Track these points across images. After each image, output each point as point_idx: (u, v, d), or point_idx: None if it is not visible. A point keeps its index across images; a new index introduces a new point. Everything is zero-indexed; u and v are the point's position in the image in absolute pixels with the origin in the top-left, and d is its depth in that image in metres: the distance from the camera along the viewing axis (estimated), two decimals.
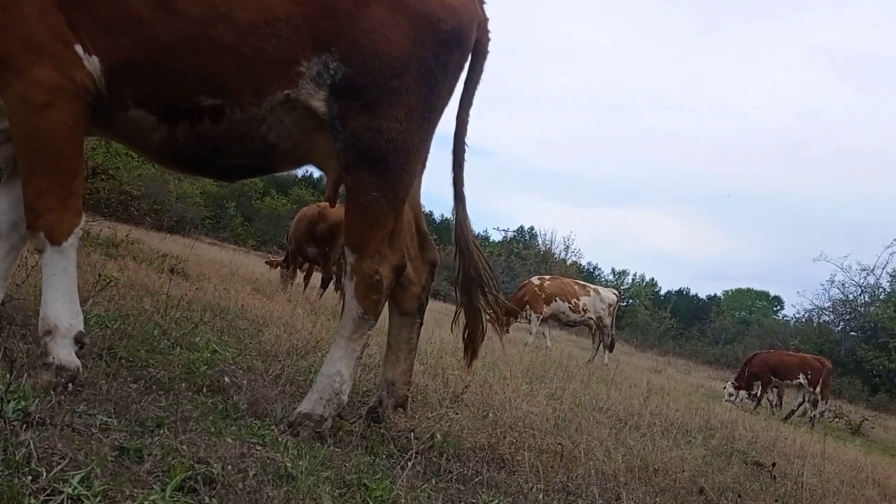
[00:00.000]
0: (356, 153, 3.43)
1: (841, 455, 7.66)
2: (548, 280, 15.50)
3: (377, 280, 3.53)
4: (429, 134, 3.68)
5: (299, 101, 3.39)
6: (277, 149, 3.56)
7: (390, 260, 3.64)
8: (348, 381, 3.53)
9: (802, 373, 14.46)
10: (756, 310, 70.52)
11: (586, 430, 4.76)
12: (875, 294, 37.21)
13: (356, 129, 3.40)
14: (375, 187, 3.46)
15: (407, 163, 3.53)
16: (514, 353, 9.63)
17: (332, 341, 3.70)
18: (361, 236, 3.54)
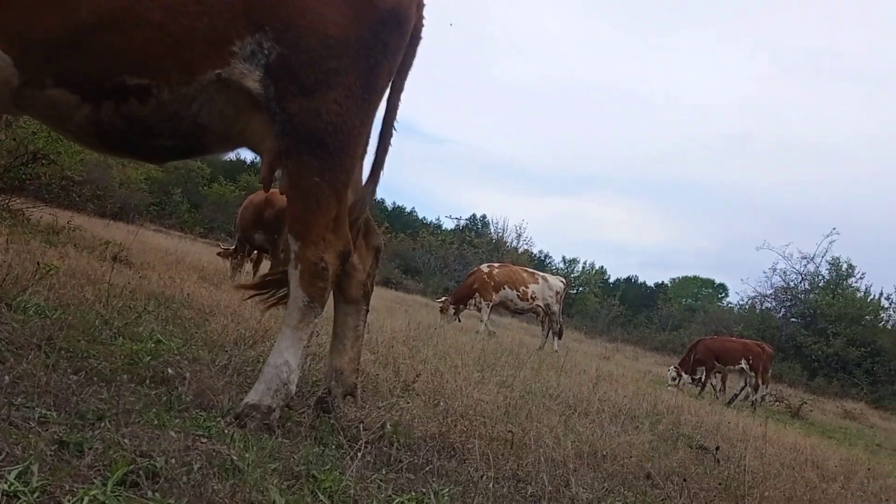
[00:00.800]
0: (295, 136, 3.35)
1: (781, 438, 7.87)
2: (497, 268, 15.53)
3: (322, 267, 3.47)
4: (369, 116, 3.62)
5: (232, 81, 3.28)
6: (209, 129, 3.46)
7: (335, 246, 3.57)
8: (296, 370, 3.47)
9: (744, 358, 14.83)
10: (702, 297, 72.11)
11: (536, 418, 4.79)
12: (815, 281, 38.44)
13: (294, 112, 3.32)
14: (317, 172, 3.39)
15: (348, 146, 3.46)
16: (465, 341, 9.65)
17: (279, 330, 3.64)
18: (305, 223, 3.47)
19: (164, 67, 3.17)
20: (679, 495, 3.99)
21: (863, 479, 6.15)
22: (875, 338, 34.38)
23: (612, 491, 3.80)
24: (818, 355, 33.56)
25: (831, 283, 38.42)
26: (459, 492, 3.12)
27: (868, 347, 33.61)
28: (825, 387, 30.15)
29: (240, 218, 11.51)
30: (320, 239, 3.47)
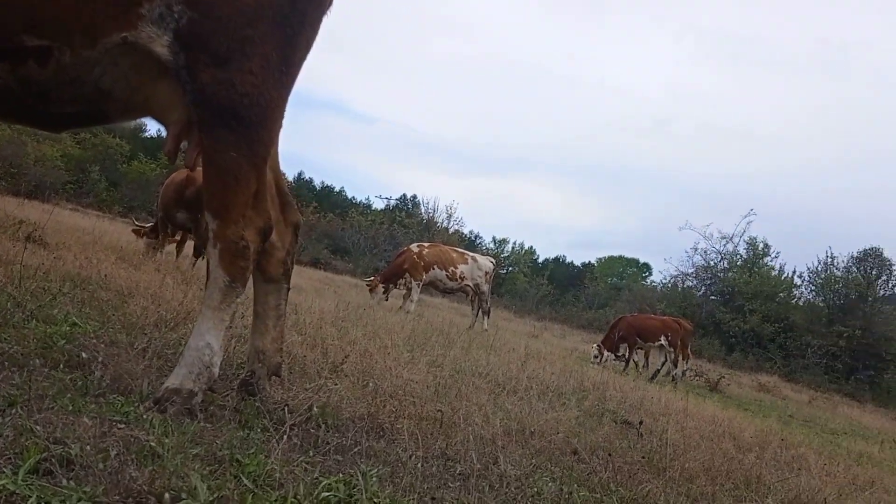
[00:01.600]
0: (209, 108, 3.19)
1: (701, 411, 8.13)
2: (427, 247, 15.49)
3: (243, 246, 3.35)
4: (287, 88, 3.46)
5: (139, 45, 3.09)
6: (112, 96, 3.27)
7: (256, 223, 3.45)
8: (218, 352, 3.36)
9: (664, 335, 15.27)
10: (627, 276, 74.00)
11: (466, 396, 4.81)
12: (733, 261, 39.88)
13: (207, 82, 3.15)
14: (233, 146, 3.24)
15: (266, 119, 3.32)
16: (395, 321, 9.62)
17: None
18: (223, 200, 3.32)
19: (67, 28, 2.97)
20: (604, 469, 4.08)
21: (776, 449, 6.42)
22: (788, 314, 36.01)
23: (540, 467, 3.85)
24: (735, 331, 34.92)
25: (748, 261, 39.96)
26: (388, 472, 3.10)
27: (781, 323, 35.17)
28: (742, 361, 31.41)
29: (161, 196, 11.13)
30: (240, 216, 3.34)
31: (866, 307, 34.78)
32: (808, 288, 39.15)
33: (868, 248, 37.13)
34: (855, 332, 33.25)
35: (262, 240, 3.51)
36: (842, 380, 32.01)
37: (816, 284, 38.05)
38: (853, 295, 35.46)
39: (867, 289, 35.52)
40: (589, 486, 3.73)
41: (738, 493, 4.36)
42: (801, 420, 13.79)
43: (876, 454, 9.48)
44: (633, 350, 15.38)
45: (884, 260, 36.68)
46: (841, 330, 33.51)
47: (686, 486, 4.21)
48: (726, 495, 4.23)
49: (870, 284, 35.79)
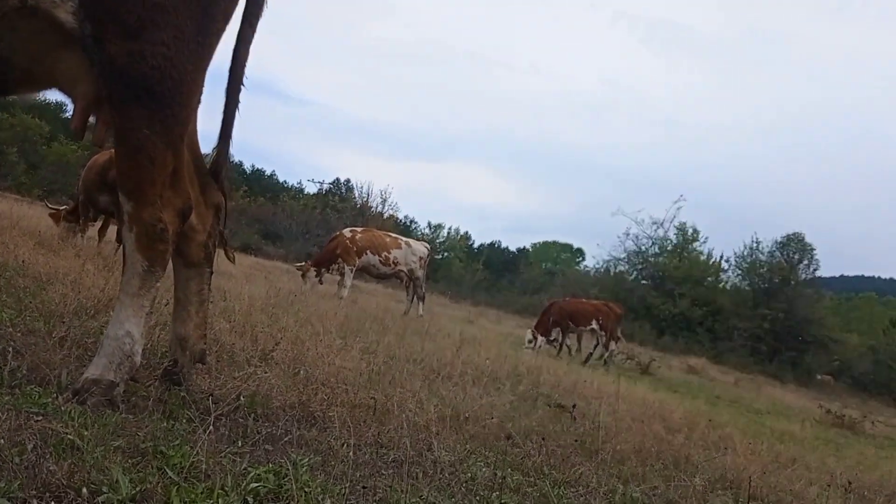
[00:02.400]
0: (119, 82, 3.00)
1: (632, 394, 8.31)
2: (360, 232, 15.29)
3: (161, 228, 3.19)
4: (203, 62, 3.28)
5: (40, 10, 2.90)
6: (10, 64, 3.07)
7: (174, 204, 3.30)
8: (139, 340, 3.22)
9: (595, 319, 15.52)
10: (561, 261, 75.12)
11: (399, 383, 4.77)
12: (664, 246, 40.90)
13: (115, 53, 2.96)
14: (146, 123, 3.05)
15: (180, 94, 3.14)
16: (328, 307, 9.49)
17: None
18: (138, 181, 3.14)
19: None
20: (538, 453, 4.10)
21: (704, 430, 6.61)
22: (716, 298, 37.17)
23: (474, 452, 3.84)
24: (665, 315, 35.86)
25: (678, 247, 41.04)
26: (319, 461, 3.04)
27: (709, 307, 36.29)
28: (671, 344, 32.30)
29: (83, 179, 10.68)
30: (156, 197, 3.18)
31: (789, 291, 36.13)
32: (735, 272, 40.50)
33: (791, 234, 38.68)
34: (778, 314, 34.54)
35: (181, 220, 3.36)
36: (766, 361, 33.25)
37: (742, 269, 39.37)
38: (777, 279, 36.79)
39: (790, 273, 36.91)
40: (522, 469, 3.74)
41: (667, 473, 4.44)
42: (727, 401, 14.22)
43: (797, 433, 9.86)
44: (565, 334, 15.59)
45: (805, 245, 38.20)
46: (765, 313, 34.76)
47: (617, 468, 4.27)
48: (656, 475, 4.31)
49: (792, 269, 37.20)
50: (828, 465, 6.55)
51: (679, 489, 4.07)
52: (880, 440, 12.89)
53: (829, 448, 9.02)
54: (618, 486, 3.88)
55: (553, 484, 3.62)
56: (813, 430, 10.97)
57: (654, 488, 4.02)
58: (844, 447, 9.74)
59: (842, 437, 11.63)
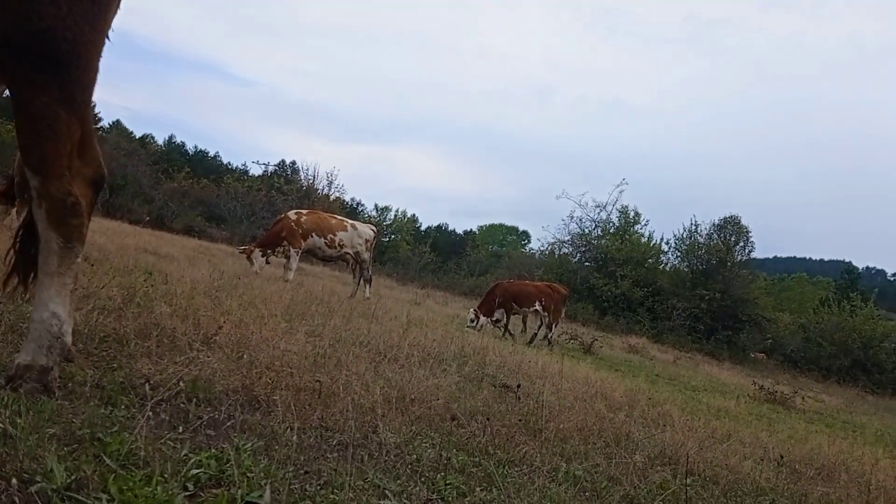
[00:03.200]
0: (8, 46, 2.78)
1: (575, 373, 8.43)
2: (305, 214, 15.09)
3: (72, 202, 3.01)
4: (102, 22, 3.05)
5: None
6: None
7: (84, 174, 3.11)
8: (67, 320, 3.08)
9: (538, 300, 15.68)
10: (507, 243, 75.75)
11: (345, 366, 4.74)
12: (606, 228, 41.50)
13: (1, 13, 2.74)
14: (43, 90, 2.85)
15: (78, 57, 2.92)
16: (273, 290, 9.38)
17: None
18: (41, 153, 2.93)
19: None
20: (483, 433, 4.14)
21: (644, 407, 6.75)
22: (656, 279, 37.96)
23: (420, 433, 3.86)
24: (608, 296, 36.47)
25: (620, 229, 41.70)
26: (263, 446, 3.02)
27: (650, 287, 37.04)
28: (613, 324, 32.93)
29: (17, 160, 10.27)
30: (63, 169, 2.98)
31: (725, 271, 37.09)
32: (674, 254, 41.33)
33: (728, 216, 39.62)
34: (715, 294, 35.45)
35: (95, 191, 3.19)
36: (703, 340, 34.16)
37: (681, 250, 40.21)
38: (714, 260, 37.69)
39: (727, 254, 37.86)
40: (467, 450, 3.78)
41: (609, 450, 4.54)
42: (666, 378, 14.57)
43: (732, 408, 10.17)
44: (509, 315, 15.71)
45: (741, 227, 39.23)
46: (703, 293, 35.63)
47: (560, 446, 4.34)
48: (598, 453, 4.40)
49: (729, 250, 38.16)
50: (761, 440, 6.77)
51: (620, 466, 4.17)
52: (810, 415, 13.40)
53: (763, 423, 9.32)
54: (561, 464, 3.95)
55: (497, 463, 3.67)
56: (747, 406, 11.33)
57: (596, 465, 4.10)
58: (776, 422, 10.09)
59: (774, 412, 12.04)
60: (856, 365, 34.23)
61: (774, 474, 5.18)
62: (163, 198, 35.97)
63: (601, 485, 3.78)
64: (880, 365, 34.32)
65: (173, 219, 34.51)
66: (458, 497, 3.04)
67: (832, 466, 6.07)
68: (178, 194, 38.08)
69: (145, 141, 51.98)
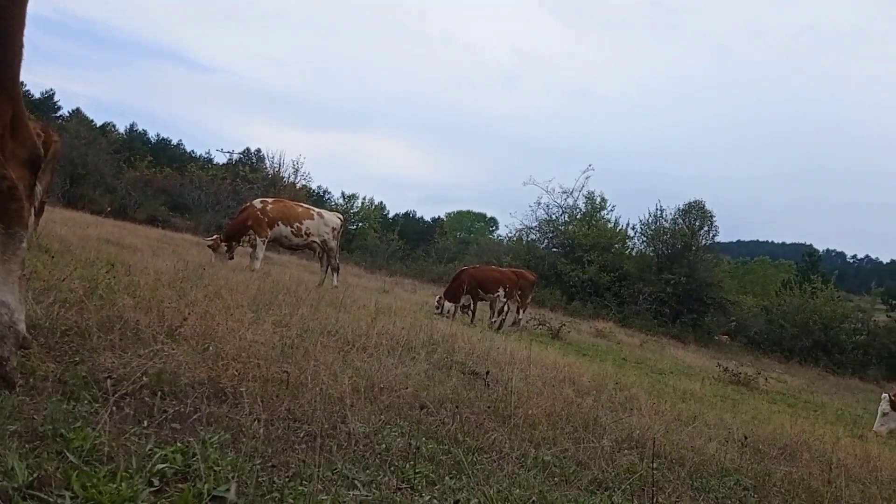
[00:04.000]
0: None
1: (544, 358, 8.48)
2: (270, 203, 14.91)
3: (8, 186, 2.92)
4: None
5: None
6: None
7: (19, 155, 3.02)
8: (19, 308, 2.98)
9: (502, 286, 15.73)
10: (475, 230, 75.84)
11: (313, 356, 4.71)
12: (573, 214, 41.73)
13: None
14: None
15: (1, 32, 2.81)
16: (239, 280, 9.28)
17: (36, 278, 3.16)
18: None
19: None
20: (452, 420, 4.15)
21: (611, 392, 6.83)
22: (622, 264, 38.33)
23: (389, 422, 3.85)
24: (575, 281, 36.74)
25: (587, 215, 41.96)
26: (229, 438, 2.99)
27: (616, 273, 37.41)
28: (581, 309, 33.18)
29: None
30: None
31: (690, 255, 37.55)
32: (640, 239, 41.68)
33: (692, 201, 40.05)
34: (680, 279, 35.90)
35: (31, 173, 3.09)
36: (669, 323, 34.60)
37: (647, 235, 40.58)
38: (679, 244, 38.14)
39: (691, 238, 38.34)
40: (437, 438, 3.79)
41: (577, 435, 4.58)
42: (633, 362, 14.75)
43: (698, 391, 10.33)
44: (476, 301, 15.72)
45: (706, 212, 39.69)
46: (668, 277, 36.07)
47: (529, 432, 4.37)
48: (566, 438, 4.44)
49: (693, 234, 38.63)
50: (725, 421, 6.89)
51: (588, 450, 4.21)
52: (773, 395, 13.68)
53: (727, 404, 9.50)
54: (530, 450, 3.98)
55: (467, 451, 3.68)
56: (712, 388, 11.52)
57: (565, 450, 4.14)
58: (740, 403, 10.29)
59: (738, 393, 12.28)
60: (817, 346, 34.98)
61: (738, 455, 5.29)
62: (125, 187, 35.28)
63: (570, 469, 3.82)
64: (840, 345, 35.11)
65: (136, 208, 33.90)
66: (427, 486, 3.05)
67: (794, 446, 6.20)
68: (141, 183, 37.41)
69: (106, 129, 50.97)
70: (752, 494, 4.35)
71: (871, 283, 52.95)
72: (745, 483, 4.55)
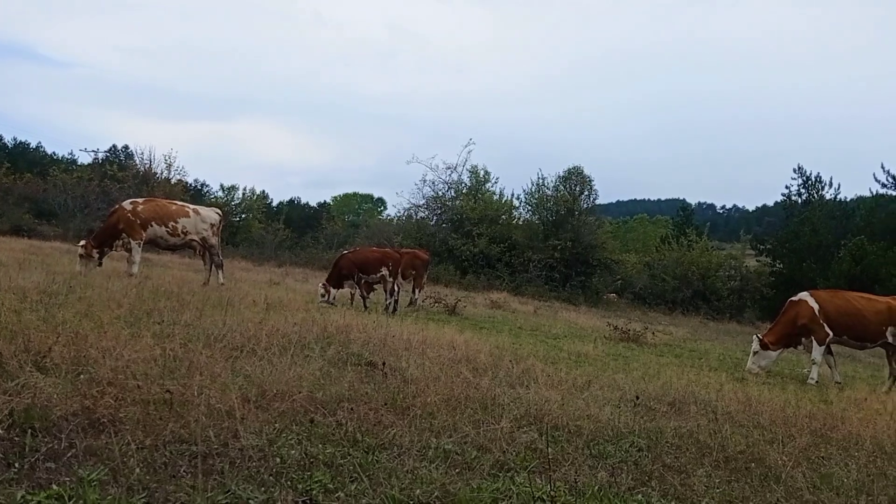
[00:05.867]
0: None
1: (440, 339, 8.48)
2: (141, 203, 14.18)
3: None
4: None
5: None
6: None
7: None
8: None
9: (384, 266, 15.64)
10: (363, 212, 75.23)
11: (199, 368, 4.50)
12: (459, 189, 42.01)
13: None
14: None
15: None
16: (116, 288, 8.79)
17: None
18: None
19: None
20: (349, 420, 4.07)
21: (508, 367, 6.91)
22: (511, 234, 39.00)
23: (284, 430, 3.73)
24: (467, 255, 37.11)
25: (472, 189, 42.34)
26: (109, 473, 2.80)
27: (506, 243, 38.04)
28: (475, 282, 33.57)
29: None
30: None
31: (574, 220, 38.62)
32: (526, 208, 42.46)
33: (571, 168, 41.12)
34: (566, 243, 36.92)
35: None
36: (559, 288, 35.56)
37: (532, 204, 41.41)
38: (562, 210, 39.15)
39: (573, 203, 39.44)
40: (334, 441, 3.70)
41: (476, 417, 4.59)
42: (528, 330, 15.01)
43: (591, 352, 10.65)
44: (360, 285, 15.56)
45: (585, 177, 40.88)
46: (555, 243, 36.99)
47: (429, 422, 4.35)
48: (466, 422, 4.44)
49: (575, 200, 39.73)
50: (618, 383, 7.11)
51: (488, 433, 4.23)
52: (660, 347, 14.30)
53: (619, 363, 9.84)
54: (430, 441, 3.95)
55: (366, 450, 3.62)
56: (605, 348, 11.90)
57: (465, 436, 4.14)
58: (632, 360, 10.68)
59: (629, 350, 12.74)
60: (697, 295, 36.95)
61: (632, 416, 5.46)
62: None
63: (471, 455, 3.82)
64: (717, 293, 37.24)
65: None
66: (327, 495, 2.96)
67: (682, 399, 6.49)
68: (1, 192, 34.83)
69: None
70: (645, 454, 4.50)
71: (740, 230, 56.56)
72: (640, 444, 4.71)
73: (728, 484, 4.03)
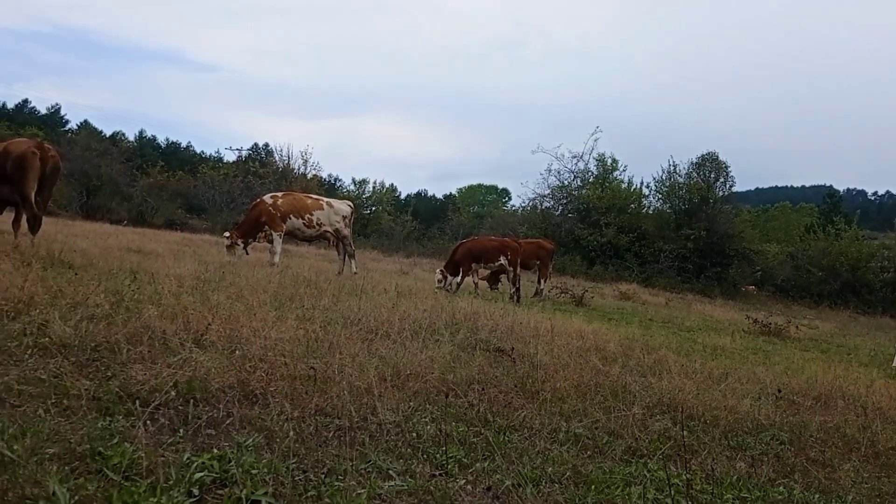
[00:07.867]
0: None
1: (568, 328, 8.45)
2: (280, 197, 14.98)
3: None
4: None
5: None
6: None
7: None
8: None
9: (502, 254, 15.63)
10: (488, 203, 75.59)
11: (338, 348, 4.76)
12: (585, 178, 41.39)
13: None
14: None
15: None
16: (260, 277, 9.35)
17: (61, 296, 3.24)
18: None
19: None
20: (480, 402, 4.18)
21: (639, 356, 6.81)
22: (640, 223, 38.03)
23: (418, 409, 3.89)
24: (594, 245, 36.56)
25: (599, 177, 41.60)
26: (263, 440, 3.03)
27: (635, 233, 37.15)
28: (603, 273, 33.04)
29: None
30: None
31: (708, 209, 37.18)
32: (656, 197, 41.23)
33: (705, 154, 39.54)
34: (700, 233, 35.60)
35: None
36: (693, 279, 34.37)
37: (662, 192, 40.17)
38: (696, 199, 37.74)
39: (707, 191, 37.94)
40: (466, 420, 3.82)
41: (607, 404, 4.59)
42: (660, 322, 14.66)
43: (728, 345, 10.26)
44: (476, 274, 15.64)
45: (720, 163, 39.19)
46: (688, 233, 35.75)
47: (559, 406, 4.39)
48: (596, 408, 4.45)
49: (709, 187, 38.21)
50: (758, 375, 6.84)
51: (619, 419, 4.22)
52: (805, 342, 13.57)
53: (759, 357, 9.43)
54: (561, 424, 4.00)
55: (497, 431, 3.71)
56: (742, 341, 11.42)
57: (596, 421, 4.16)
58: (772, 354, 10.20)
59: (770, 344, 12.17)
60: (846, 288, 34.61)
61: (773, 409, 5.27)
62: (140, 194, 35.55)
63: (602, 440, 3.84)
64: (869, 285, 34.75)
65: (153, 214, 34.17)
66: (461, 470, 3.08)
67: (829, 394, 6.18)
68: (156, 189, 37.63)
69: (116, 139, 51.23)
70: (788, 448, 4.34)
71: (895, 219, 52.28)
72: (782, 437, 4.54)
73: (878, 479, 3.83)
